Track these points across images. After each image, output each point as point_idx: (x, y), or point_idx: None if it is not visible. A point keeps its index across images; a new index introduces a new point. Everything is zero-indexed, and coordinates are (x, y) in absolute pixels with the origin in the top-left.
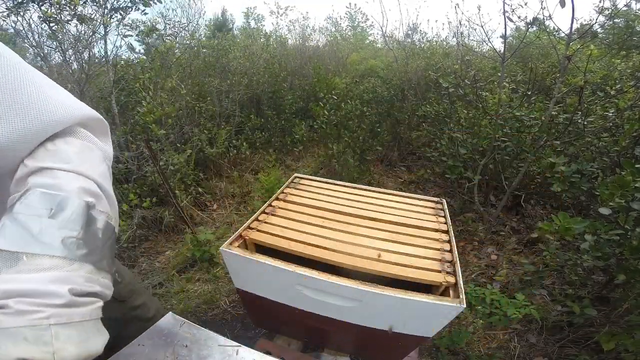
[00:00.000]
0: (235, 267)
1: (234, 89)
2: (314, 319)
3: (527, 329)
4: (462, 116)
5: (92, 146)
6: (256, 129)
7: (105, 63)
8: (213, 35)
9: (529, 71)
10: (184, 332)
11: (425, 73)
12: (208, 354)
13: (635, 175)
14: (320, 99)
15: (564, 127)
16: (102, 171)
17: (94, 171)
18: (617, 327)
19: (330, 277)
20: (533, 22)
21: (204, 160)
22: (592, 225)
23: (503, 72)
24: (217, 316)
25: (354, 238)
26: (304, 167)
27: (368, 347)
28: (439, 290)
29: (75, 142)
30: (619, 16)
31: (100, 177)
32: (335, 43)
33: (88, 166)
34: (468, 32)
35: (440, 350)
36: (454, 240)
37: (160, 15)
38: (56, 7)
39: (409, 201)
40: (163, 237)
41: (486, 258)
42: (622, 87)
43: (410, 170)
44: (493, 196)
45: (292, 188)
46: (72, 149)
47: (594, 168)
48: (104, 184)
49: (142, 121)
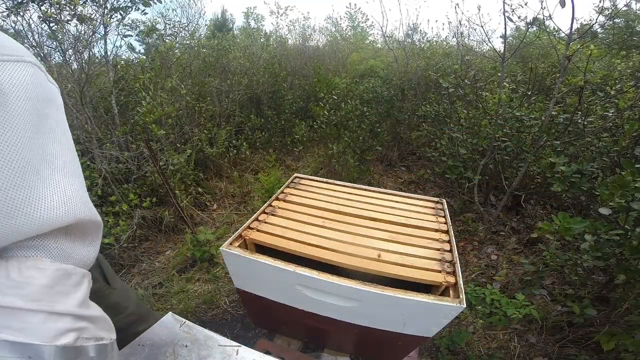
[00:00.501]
0: (235, 267)
1: (234, 89)
2: (314, 319)
3: (527, 329)
4: (462, 116)
5: (69, 270)
6: (256, 129)
7: (105, 63)
8: (213, 35)
9: (529, 71)
10: (184, 332)
11: (425, 73)
12: (208, 354)
13: (635, 175)
14: (320, 99)
15: (564, 127)
16: (81, 297)
17: (70, 304)
18: (617, 327)
19: (330, 277)
20: (533, 22)
21: (204, 160)
22: (592, 225)
23: (503, 72)
24: (217, 316)
25: (354, 238)
26: (304, 167)
27: (368, 347)
28: (439, 290)
29: (49, 267)
30: (619, 16)
31: (78, 307)
32: (335, 43)
33: (62, 300)
34: (468, 32)
35: (440, 350)
36: (454, 240)
37: (160, 15)
38: (56, 7)
39: (409, 201)
40: (163, 237)
41: (486, 258)
42: (622, 87)
43: (410, 170)
44: (493, 196)
45: (292, 188)
46: (42, 280)
47: (594, 168)
48: (85, 313)
49: (142, 121)
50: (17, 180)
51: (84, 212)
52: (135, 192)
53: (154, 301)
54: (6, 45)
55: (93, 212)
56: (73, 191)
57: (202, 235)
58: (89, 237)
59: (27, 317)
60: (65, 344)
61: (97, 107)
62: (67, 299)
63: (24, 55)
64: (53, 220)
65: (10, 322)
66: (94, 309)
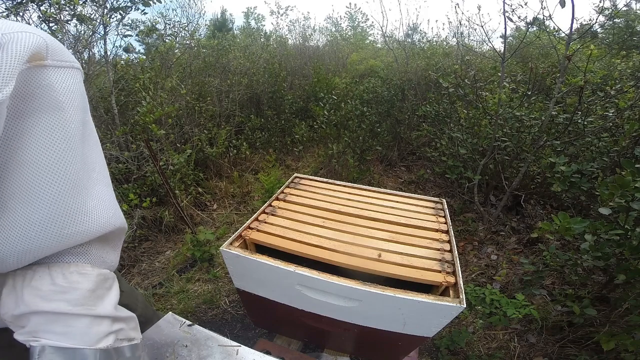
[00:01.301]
0: (235, 267)
1: (234, 89)
2: (314, 319)
3: (527, 329)
4: (462, 116)
5: (105, 274)
6: (256, 129)
7: (105, 63)
8: (213, 35)
9: (529, 71)
10: (184, 332)
11: (425, 73)
12: (208, 354)
13: (635, 175)
14: (320, 99)
15: (564, 127)
16: (115, 300)
17: (109, 306)
18: (617, 327)
19: (330, 277)
20: (533, 22)
21: (204, 160)
22: (592, 225)
23: (503, 72)
24: (217, 316)
25: (354, 238)
26: (304, 167)
27: (368, 347)
28: (439, 290)
29: (91, 273)
30: (619, 16)
31: (115, 310)
32: (336, 43)
33: (101, 304)
34: (468, 32)
35: (440, 350)
36: (454, 240)
37: (160, 15)
38: (55, 7)
39: (409, 201)
40: (163, 237)
41: (486, 258)
42: (622, 87)
43: (410, 170)
44: (493, 196)
45: (292, 188)
46: (86, 284)
47: (594, 168)
48: (119, 314)
49: (142, 121)
50: (71, 191)
51: (120, 221)
52: (135, 192)
53: (154, 301)
54: (62, 52)
55: (123, 219)
56: (111, 201)
57: (202, 235)
58: (117, 242)
59: (72, 322)
60: (107, 346)
61: (97, 107)
62: (104, 302)
63: (74, 61)
64: (97, 229)
65: (54, 327)
66: (124, 311)
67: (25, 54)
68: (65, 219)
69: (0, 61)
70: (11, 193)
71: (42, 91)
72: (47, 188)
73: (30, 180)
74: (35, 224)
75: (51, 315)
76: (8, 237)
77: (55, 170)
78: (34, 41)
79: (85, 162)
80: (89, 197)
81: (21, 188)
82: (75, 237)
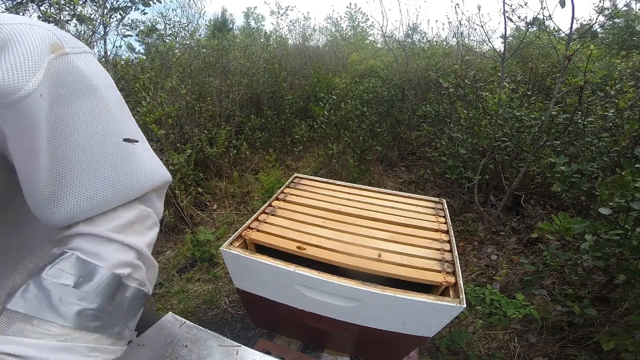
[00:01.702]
0: (235, 267)
1: (234, 89)
2: (314, 319)
3: (527, 329)
4: (462, 116)
5: (150, 212)
6: (256, 129)
7: (105, 63)
8: (213, 35)
9: (529, 71)
10: (184, 332)
11: (425, 73)
12: (208, 354)
13: (635, 175)
14: (320, 99)
15: (564, 127)
16: (150, 240)
17: (142, 241)
18: (617, 327)
19: (330, 277)
20: (533, 22)
21: (204, 160)
22: (592, 225)
23: (503, 72)
24: (217, 316)
25: (354, 238)
26: (304, 167)
27: (368, 347)
28: (439, 290)
29: (136, 208)
30: (619, 16)
31: (146, 247)
32: (335, 43)
33: (138, 237)
34: (468, 32)
35: (440, 350)
36: (454, 240)
37: (160, 15)
38: (55, 7)
39: (409, 201)
40: (163, 237)
41: (486, 258)
42: (622, 87)
43: (410, 170)
44: (493, 196)
45: (292, 188)
46: (129, 216)
47: (594, 168)
48: (147, 253)
49: (142, 121)
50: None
51: (167, 174)
52: None
53: (154, 301)
54: (73, 40)
55: (168, 172)
56: (156, 158)
57: (202, 235)
58: (162, 192)
59: (104, 243)
60: (120, 274)
61: None
62: (141, 235)
63: (85, 46)
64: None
65: (89, 246)
66: (151, 258)
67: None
68: (125, 179)
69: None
70: (75, 170)
71: (74, 77)
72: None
73: (87, 155)
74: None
75: (90, 237)
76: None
77: (106, 143)
78: (44, 34)
79: (128, 131)
80: (141, 158)
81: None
82: (136, 194)
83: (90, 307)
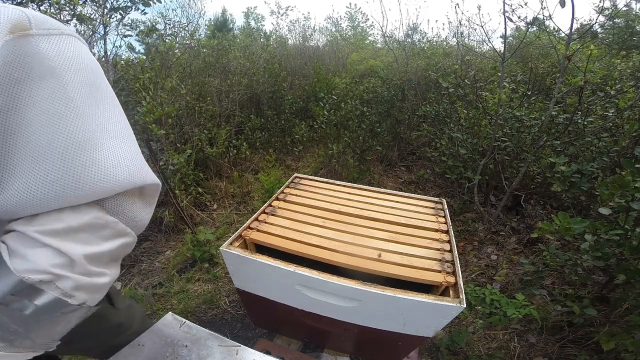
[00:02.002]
0: (235, 267)
1: (234, 89)
2: (314, 319)
3: (527, 329)
4: (462, 116)
5: (109, 221)
6: (256, 129)
7: (105, 63)
8: (213, 35)
9: (529, 71)
10: (184, 332)
11: (425, 73)
12: (208, 354)
13: (635, 175)
14: (320, 99)
15: (564, 127)
16: (100, 251)
17: (83, 250)
18: (617, 327)
19: (330, 277)
20: (533, 22)
21: (204, 160)
22: (592, 225)
23: (503, 72)
24: (217, 316)
25: (354, 238)
26: (304, 167)
27: (368, 347)
28: (439, 290)
29: (88, 213)
30: (619, 16)
31: (87, 258)
32: (336, 43)
33: (80, 246)
34: (468, 32)
35: (440, 351)
36: (454, 240)
37: (160, 15)
38: (55, 7)
39: (409, 201)
40: (163, 237)
41: (486, 258)
42: (622, 87)
43: (410, 170)
44: (493, 196)
45: (292, 188)
46: (74, 221)
47: (594, 168)
48: (88, 267)
49: (142, 121)
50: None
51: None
52: None
53: (154, 301)
54: (48, 21)
55: (152, 175)
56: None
57: (202, 235)
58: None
59: (31, 246)
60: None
61: None
62: (84, 246)
63: (63, 28)
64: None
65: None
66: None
67: (5, 27)
68: (74, 173)
69: None
70: (20, 156)
71: (32, 59)
72: (50, 146)
73: (34, 142)
74: (44, 180)
75: (19, 235)
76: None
77: (56, 129)
78: (11, 13)
79: (95, 121)
80: (100, 152)
81: (27, 150)
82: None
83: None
